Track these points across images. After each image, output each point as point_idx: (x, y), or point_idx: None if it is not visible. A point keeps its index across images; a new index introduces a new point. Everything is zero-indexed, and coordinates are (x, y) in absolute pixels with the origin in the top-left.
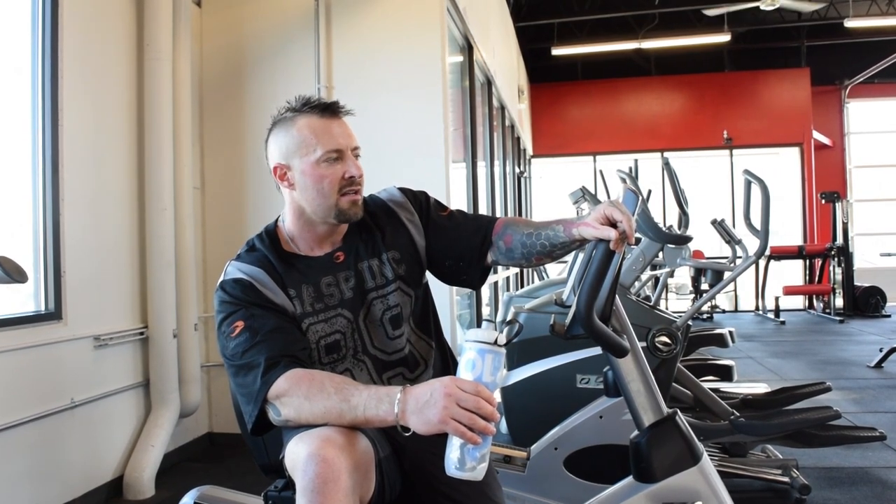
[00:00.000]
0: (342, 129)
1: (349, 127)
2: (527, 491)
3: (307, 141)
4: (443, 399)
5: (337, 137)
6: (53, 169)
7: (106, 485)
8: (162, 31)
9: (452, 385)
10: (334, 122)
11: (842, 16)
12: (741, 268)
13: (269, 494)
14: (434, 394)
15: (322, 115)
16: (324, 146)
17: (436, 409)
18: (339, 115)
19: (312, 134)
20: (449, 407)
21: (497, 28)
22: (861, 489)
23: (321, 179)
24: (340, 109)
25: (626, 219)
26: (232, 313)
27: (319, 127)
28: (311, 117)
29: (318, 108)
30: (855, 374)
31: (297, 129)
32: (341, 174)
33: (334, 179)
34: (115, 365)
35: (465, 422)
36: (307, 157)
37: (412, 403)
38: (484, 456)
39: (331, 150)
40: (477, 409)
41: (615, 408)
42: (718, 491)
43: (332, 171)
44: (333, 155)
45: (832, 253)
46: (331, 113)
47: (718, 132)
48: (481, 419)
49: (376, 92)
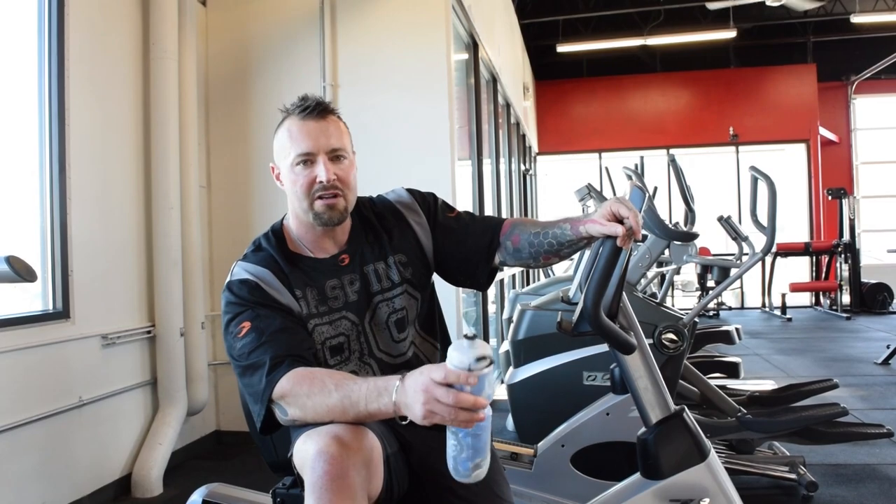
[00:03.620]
0: (319, 131)
1: (334, 127)
2: (534, 488)
3: (284, 144)
4: (422, 396)
5: (308, 140)
6: (60, 168)
7: (114, 483)
8: (168, 29)
9: (430, 383)
10: (312, 124)
11: (848, 11)
12: (748, 265)
13: (278, 492)
14: (416, 391)
15: (302, 117)
16: (295, 149)
17: (418, 406)
18: (320, 116)
19: (289, 137)
20: (427, 404)
21: (502, 25)
22: (868, 486)
23: (294, 183)
24: (322, 109)
25: (633, 215)
26: (239, 314)
27: (295, 129)
28: (293, 119)
29: (299, 110)
30: (862, 370)
31: (281, 131)
32: (312, 178)
33: (305, 183)
34: (123, 363)
35: (446, 416)
36: (285, 161)
37: (404, 398)
38: (478, 464)
39: (300, 153)
40: (456, 403)
41: (622, 405)
42: (726, 487)
43: (303, 174)
44: (302, 158)
45: (839, 249)
46: (310, 114)
47: (724, 129)
48: (463, 410)
49: (382, 90)
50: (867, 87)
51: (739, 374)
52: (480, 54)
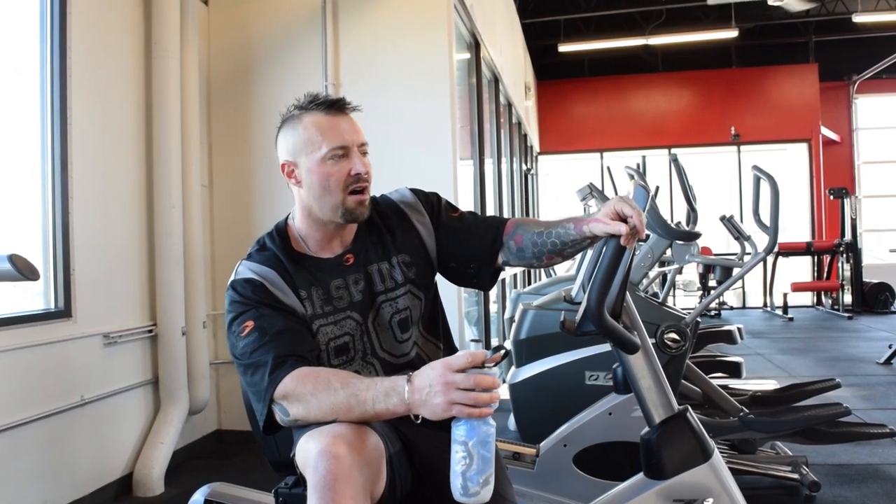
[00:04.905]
0: (349, 126)
1: (356, 123)
2: (536, 488)
3: (313, 138)
4: (441, 387)
5: (342, 134)
6: (62, 167)
7: (115, 482)
8: (169, 29)
9: (446, 372)
10: (340, 119)
11: (850, 11)
12: (750, 264)
13: (280, 491)
14: (433, 385)
15: (328, 112)
16: (329, 143)
17: (437, 398)
18: (345, 111)
19: (318, 131)
20: (448, 393)
21: (504, 25)
22: (871, 486)
23: (327, 177)
24: (347, 106)
25: (637, 214)
26: (242, 313)
27: (325, 124)
28: (317, 114)
29: (324, 105)
30: (864, 370)
31: (304, 126)
32: (347, 171)
33: (340, 177)
34: (125, 362)
35: (467, 402)
36: (313, 155)
37: (418, 396)
38: (487, 479)
39: (336, 146)
40: (476, 385)
41: (625, 404)
42: (730, 488)
43: (337, 168)
44: (339, 152)
45: (840, 249)
46: (337, 109)
47: (726, 128)
48: (484, 393)
49: (384, 89)
50: (869, 86)
51: (741, 374)
52: (482, 54)
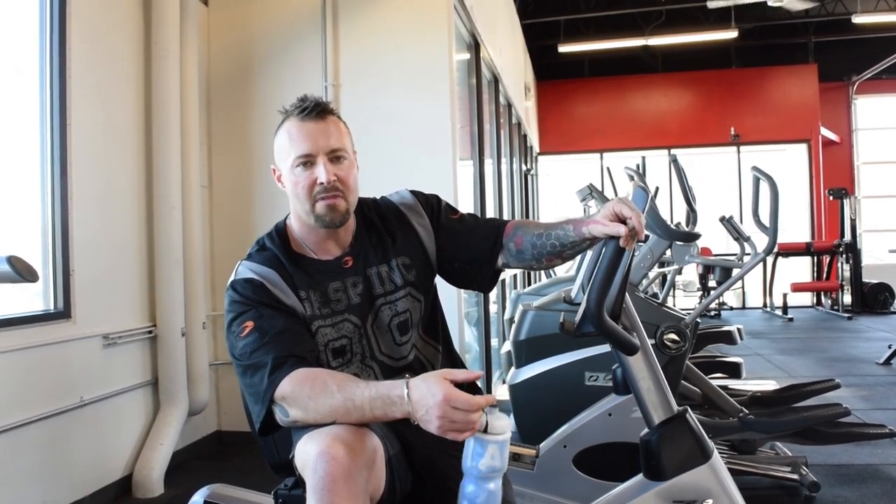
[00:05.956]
0: (319, 132)
1: (336, 127)
2: (536, 489)
3: (284, 146)
4: (436, 417)
5: (308, 141)
6: (62, 168)
7: (115, 483)
8: (169, 29)
9: (444, 405)
10: (311, 125)
11: (849, 11)
12: (749, 265)
13: (279, 493)
14: (430, 411)
15: (302, 118)
16: (294, 151)
17: (433, 424)
18: (320, 116)
19: (288, 138)
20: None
21: (504, 25)
22: (871, 486)
23: (295, 185)
24: (322, 110)
25: (636, 215)
26: (242, 313)
27: (295, 131)
28: (292, 121)
29: (297, 111)
30: (864, 370)
31: (281, 133)
32: (313, 179)
33: (306, 185)
34: (124, 363)
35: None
36: (285, 163)
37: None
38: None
39: (299, 155)
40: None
41: (624, 405)
42: (729, 488)
43: (304, 176)
44: (302, 160)
45: (840, 250)
46: (310, 115)
47: (726, 129)
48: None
49: (383, 90)
50: (868, 87)
51: (741, 375)
52: (482, 54)
